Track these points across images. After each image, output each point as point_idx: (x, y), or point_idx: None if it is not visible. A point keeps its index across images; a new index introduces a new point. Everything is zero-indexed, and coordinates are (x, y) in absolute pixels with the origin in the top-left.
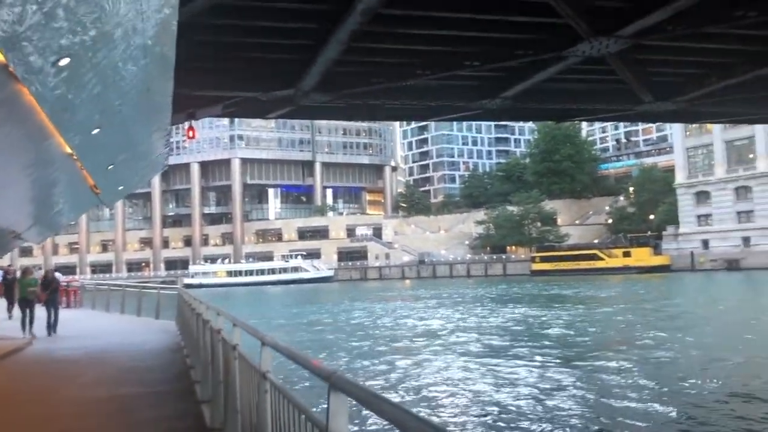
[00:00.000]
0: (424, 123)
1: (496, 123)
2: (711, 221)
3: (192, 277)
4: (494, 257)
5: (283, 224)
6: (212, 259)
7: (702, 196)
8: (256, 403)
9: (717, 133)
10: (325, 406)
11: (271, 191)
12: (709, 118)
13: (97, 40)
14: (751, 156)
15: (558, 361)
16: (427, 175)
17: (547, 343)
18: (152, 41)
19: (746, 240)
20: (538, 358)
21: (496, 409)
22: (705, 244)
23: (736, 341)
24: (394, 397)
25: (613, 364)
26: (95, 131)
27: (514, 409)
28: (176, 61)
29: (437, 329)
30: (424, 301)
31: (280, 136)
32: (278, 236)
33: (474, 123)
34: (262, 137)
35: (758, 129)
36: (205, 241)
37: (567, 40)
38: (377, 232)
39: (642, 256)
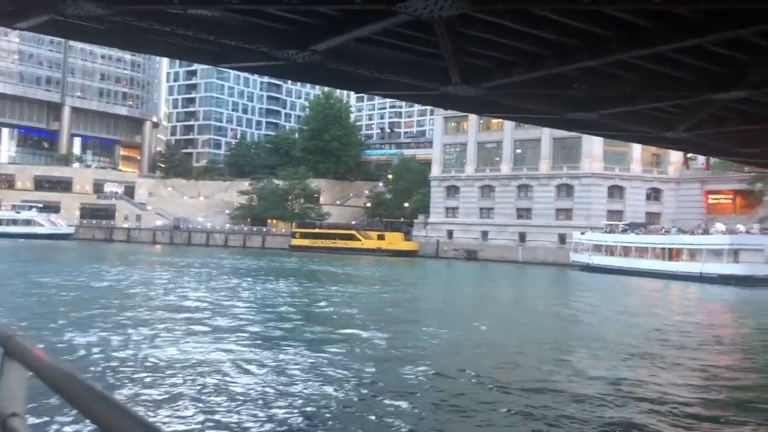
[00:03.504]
0: (192, 82)
1: (268, 94)
2: (457, 214)
3: None
4: (254, 229)
5: (17, 170)
6: None
7: (452, 190)
8: None
9: (471, 134)
10: None
11: (5, 131)
12: (503, 112)
13: None
14: (497, 159)
15: (300, 341)
16: (192, 137)
17: (294, 320)
18: None
19: (485, 234)
20: (288, 335)
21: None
22: (450, 234)
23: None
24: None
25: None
26: None
27: (263, 391)
28: None
29: (181, 301)
30: (176, 269)
31: (23, 69)
32: (10, 183)
33: (246, 90)
34: (0, 67)
35: (506, 134)
36: None
37: None
38: (129, 191)
39: (394, 241)
